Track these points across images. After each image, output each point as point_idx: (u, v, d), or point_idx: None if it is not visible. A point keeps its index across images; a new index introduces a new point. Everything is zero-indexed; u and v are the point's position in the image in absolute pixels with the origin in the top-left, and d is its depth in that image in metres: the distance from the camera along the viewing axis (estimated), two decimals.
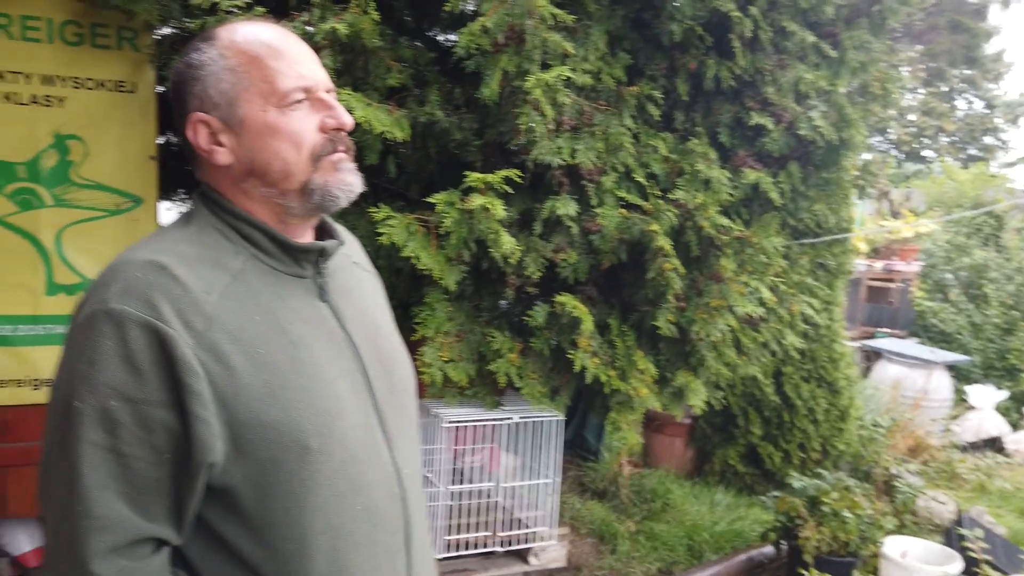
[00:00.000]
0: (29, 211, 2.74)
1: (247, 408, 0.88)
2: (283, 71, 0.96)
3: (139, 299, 0.86)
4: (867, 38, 3.21)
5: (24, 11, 2.70)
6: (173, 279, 0.88)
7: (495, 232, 2.35)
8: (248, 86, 0.95)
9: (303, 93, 0.96)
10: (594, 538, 3.88)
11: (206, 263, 0.93)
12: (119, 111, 2.84)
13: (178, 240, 0.95)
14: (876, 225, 9.28)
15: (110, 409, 0.84)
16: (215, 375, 0.87)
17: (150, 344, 0.84)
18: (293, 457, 0.90)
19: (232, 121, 0.96)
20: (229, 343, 0.89)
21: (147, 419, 0.85)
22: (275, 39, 0.98)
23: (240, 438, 0.88)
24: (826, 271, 4.49)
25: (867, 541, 3.23)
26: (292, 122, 0.96)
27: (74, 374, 0.86)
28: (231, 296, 0.92)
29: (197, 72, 0.96)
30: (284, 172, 0.96)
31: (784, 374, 4.51)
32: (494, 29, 2.31)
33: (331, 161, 0.98)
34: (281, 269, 0.99)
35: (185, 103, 0.98)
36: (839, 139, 2.86)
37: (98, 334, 0.85)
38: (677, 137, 2.95)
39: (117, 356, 0.84)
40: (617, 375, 2.76)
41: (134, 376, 0.84)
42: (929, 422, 5.47)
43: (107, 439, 0.84)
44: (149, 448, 0.85)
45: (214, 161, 0.97)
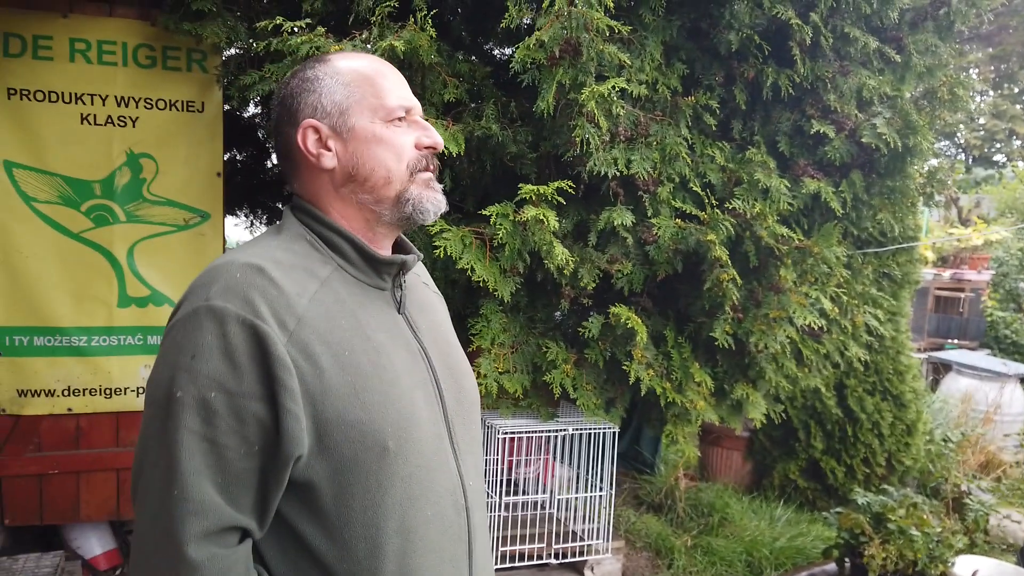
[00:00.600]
0: (104, 227, 2.87)
1: (333, 406, 0.92)
2: (391, 90, 1.06)
3: (239, 297, 0.91)
4: (933, 42, 3.12)
5: (101, 36, 2.83)
6: (270, 281, 0.93)
7: (548, 243, 2.36)
8: (360, 99, 1.04)
9: (404, 111, 1.06)
10: (650, 552, 3.84)
11: (298, 269, 0.98)
12: (188, 130, 2.95)
13: (273, 247, 1.01)
14: (944, 233, 8.97)
15: (209, 399, 0.88)
16: (305, 373, 0.91)
17: (248, 340, 0.89)
18: (372, 457, 0.94)
19: (342, 128, 1.04)
20: (318, 344, 0.93)
21: (242, 411, 0.88)
22: (383, 66, 1.09)
23: (325, 434, 0.92)
24: (891, 281, 4.37)
25: (936, 560, 3.12)
26: (396, 135, 1.05)
27: (176, 366, 0.89)
28: (320, 301, 0.97)
29: (312, 84, 1.05)
30: (386, 179, 1.04)
31: (847, 387, 4.40)
32: (550, 43, 2.32)
33: (424, 178, 1.07)
34: (364, 280, 1.05)
35: (296, 112, 1.05)
36: (904, 146, 2.78)
37: (200, 329, 0.89)
38: (735, 146, 2.92)
39: (217, 349, 0.88)
40: (673, 387, 2.73)
41: (232, 369, 0.88)
42: (1002, 437, 5.25)
43: (205, 428, 0.87)
44: (242, 439, 0.89)
45: (320, 164, 1.04)
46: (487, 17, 2.95)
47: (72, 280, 2.85)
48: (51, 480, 2.90)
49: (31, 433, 2.88)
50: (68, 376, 2.88)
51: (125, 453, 2.99)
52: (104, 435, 3.00)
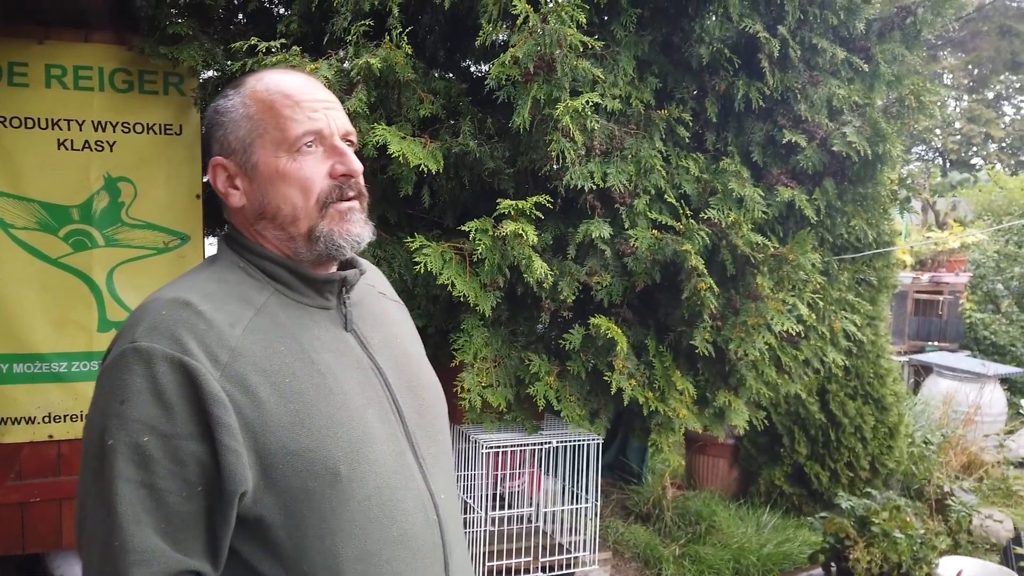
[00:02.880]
0: (82, 251, 2.86)
1: (275, 437, 0.90)
2: (295, 119, 1.00)
3: (165, 336, 0.89)
4: (900, 51, 3.18)
5: (77, 62, 2.84)
6: (197, 314, 0.91)
7: (527, 257, 2.38)
8: (262, 133, 1.00)
9: (313, 137, 1.00)
10: (638, 562, 3.85)
11: (230, 299, 0.96)
12: (166, 153, 2.96)
13: (203, 279, 0.99)
14: (921, 237, 9.09)
15: (142, 445, 0.85)
16: (242, 406, 0.89)
17: (178, 379, 0.87)
18: (323, 484, 0.92)
19: (247, 166, 1.01)
20: (255, 374, 0.91)
21: (178, 452, 0.87)
22: (294, 88, 1.02)
23: (270, 467, 0.90)
24: (869, 286, 4.42)
25: (920, 562, 3.15)
26: (302, 168, 0.99)
27: (106, 413, 0.88)
28: (256, 329, 0.95)
29: (221, 118, 1.03)
30: (292, 217, 1.00)
31: (829, 392, 4.44)
32: (524, 59, 2.36)
33: (338, 210, 1.01)
34: (306, 302, 1.03)
35: (209, 148, 1.04)
36: (874, 153, 2.83)
37: (128, 372, 0.87)
38: (709, 157, 2.96)
39: (147, 392, 0.86)
40: (655, 396, 2.76)
41: (164, 411, 0.86)
42: (982, 438, 5.32)
43: (140, 474, 0.86)
44: (181, 481, 0.87)
45: (229, 204, 1.03)
46: (463, 35, 2.98)
47: (51, 306, 2.84)
48: (33, 508, 2.87)
49: (12, 461, 2.85)
50: (48, 402, 2.87)
51: None
52: None
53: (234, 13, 3.49)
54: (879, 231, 4.12)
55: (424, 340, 3.13)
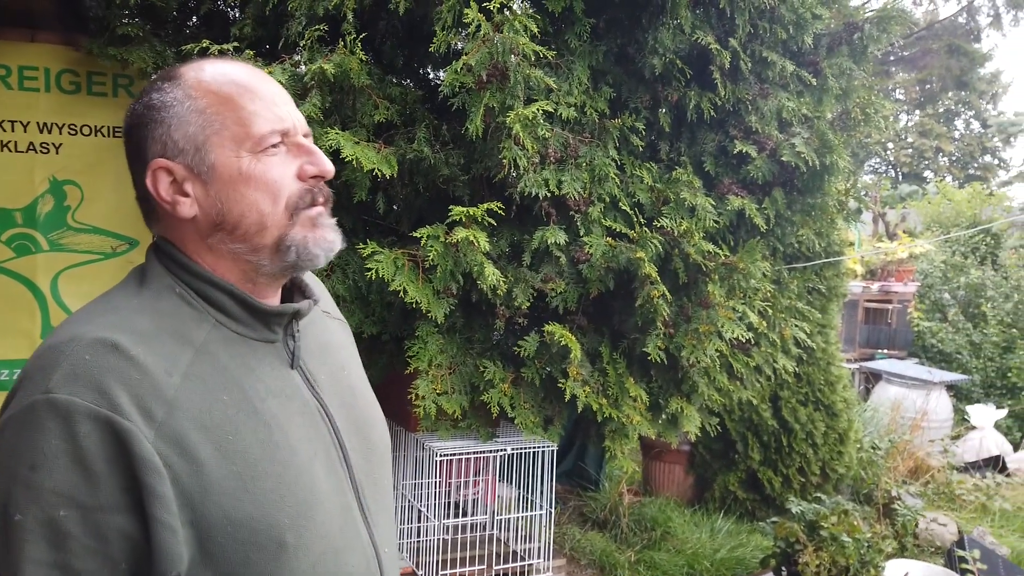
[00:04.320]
0: (26, 256, 2.79)
1: (216, 506, 0.78)
2: (259, 112, 0.86)
3: (89, 387, 0.74)
4: (848, 65, 3.27)
5: (22, 62, 2.78)
6: (129, 360, 0.77)
7: (480, 264, 2.39)
8: (219, 129, 0.85)
9: (280, 136, 0.87)
10: (594, 569, 3.86)
11: (165, 336, 0.81)
12: (115, 156, 2.90)
13: (131, 310, 0.83)
14: (871, 247, 9.33)
15: (57, 520, 0.72)
16: (179, 472, 0.76)
17: (104, 440, 0.73)
18: (268, 555, 0.80)
19: (200, 168, 0.86)
20: (195, 431, 0.78)
21: (101, 527, 0.73)
22: (249, 78, 0.89)
23: (208, 540, 0.77)
24: (819, 295, 4.52)
25: (867, 565, 3.22)
26: (268, 170, 0.86)
27: (13, 478, 0.73)
28: (195, 375, 0.81)
29: (159, 114, 0.86)
30: (259, 225, 0.87)
31: (781, 398, 4.52)
32: (477, 67, 2.37)
33: (309, 216, 0.89)
34: (249, 335, 0.88)
35: (144, 149, 0.87)
36: (822, 164, 2.90)
37: (40, 430, 0.72)
38: (663, 167, 3.00)
39: (64, 455, 0.72)
40: (609, 403, 2.77)
41: (85, 479, 0.72)
42: (928, 443, 5.46)
43: (54, 555, 0.72)
44: (103, 559, 0.74)
45: (177, 214, 0.87)
46: (420, 41, 2.98)
47: None
48: None
49: None
50: None
51: None
52: None
53: (187, 15, 3.44)
54: (829, 241, 4.22)
55: (379, 347, 3.11)
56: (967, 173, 21.66)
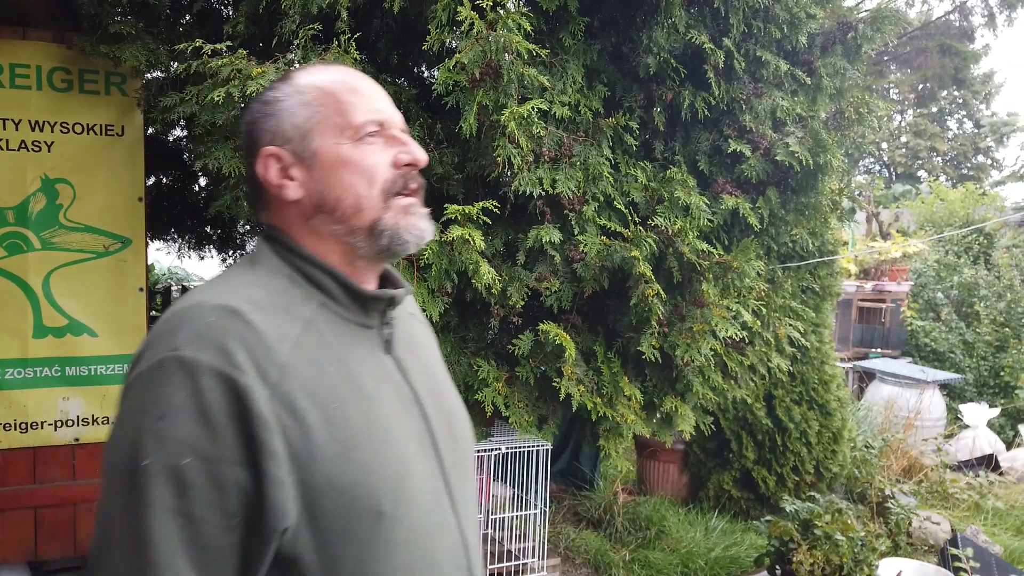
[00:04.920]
0: (17, 255, 2.77)
1: (321, 470, 0.81)
2: (358, 104, 0.94)
3: (213, 346, 0.79)
4: (842, 64, 3.28)
5: (14, 59, 2.76)
6: (247, 325, 0.82)
7: (475, 263, 2.38)
8: (322, 119, 0.93)
9: (376, 126, 0.94)
10: (589, 568, 3.86)
11: (278, 309, 0.87)
12: (107, 154, 2.89)
13: (247, 284, 0.90)
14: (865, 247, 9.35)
15: (181, 468, 0.76)
16: (290, 432, 0.80)
17: (225, 396, 0.78)
18: (366, 524, 0.83)
19: (305, 154, 0.93)
20: (304, 397, 0.82)
21: (219, 478, 0.77)
22: (352, 77, 0.97)
23: (313, 503, 0.81)
24: (813, 294, 4.53)
25: (861, 564, 3.22)
26: (365, 155, 0.93)
27: (141, 428, 0.78)
28: (304, 345, 0.86)
29: (271, 108, 0.95)
30: (355, 207, 0.93)
31: (775, 397, 4.53)
32: (471, 65, 2.36)
33: (402, 204, 0.95)
34: (349, 318, 0.94)
35: (256, 139, 0.96)
36: (815, 164, 2.91)
37: (168, 384, 0.78)
38: (657, 166, 3.00)
39: (190, 408, 0.77)
40: (604, 402, 2.77)
41: (207, 431, 0.77)
42: (922, 442, 5.48)
43: (178, 501, 0.76)
44: (220, 511, 0.77)
45: (284, 196, 0.94)
46: (415, 39, 2.97)
47: None
48: None
49: None
50: None
51: (43, 490, 2.88)
52: (20, 472, 2.88)
53: (180, 13, 3.43)
54: (823, 240, 4.23)
55: None
56: (960, 173, 21.75)
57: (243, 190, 2.63)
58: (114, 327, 2.91)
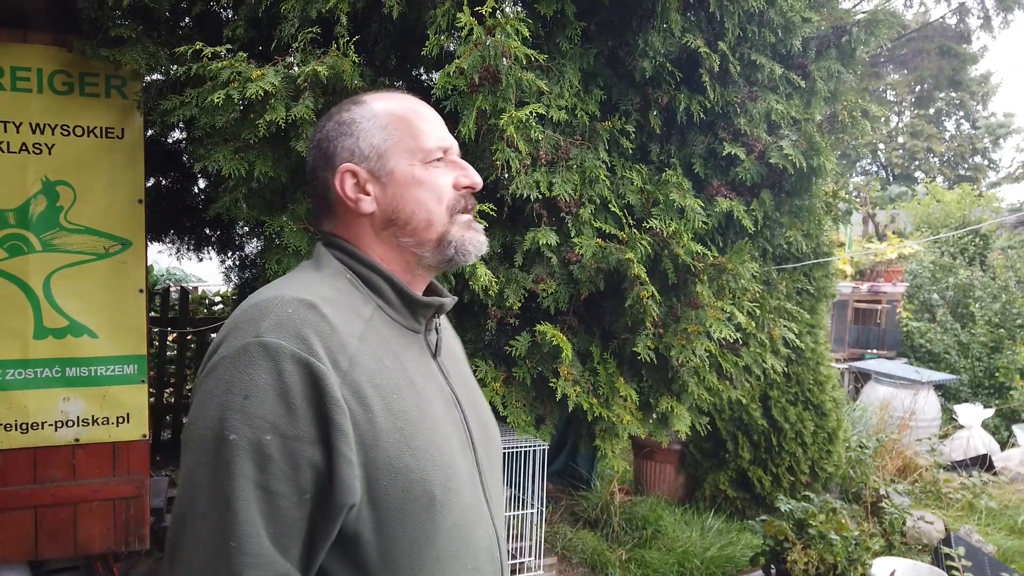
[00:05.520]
0: (18, 257, 2.79)
1: (383, 452, 0.89)
2: (428, 132, 1.04)
3: (293, 334, 0.87)
4: (837, 68, 3.31)
5: (14, 63, 2.78)
6: (322, 318, 0.90)
7: (472, 265, 2.41)
8: (398, 142, 1.03)
9: (442, 152, 1.05)
10: (585, 567, 3.89)
11: (344, 308, 0.95)
12: (107, 156, 2.90)
13: (317, 283, 0.98)
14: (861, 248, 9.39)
15: (264, 443, 0.83)
16: (357, 416, 0.88)
17: (304, 380, 0.85)
18: (420, 507, 0.91)
19: (381, 172, 1.03)
20: (368, 386, 0.90)
21: (296, 456, 0.84)
22: (419, 106, 1.08)
23: (375, 483, 0.88)
24: (808, 295, 4.56)
25: (855, 563, 3.25)
26: (435, 177, 1.03)
27: (227, 405, 0.84)
28: (367, 341, 0.94)
29: (349, 128, 1.04)
30: (427, 222, 1.03)
31: (771, 398, 4.56)
32: (469, 70, 2.39)
33: (465, 220, 1.06)
34: (401, 323, 1.03)
35: (333, 156, 1.04)
36: (809, 166, 2.94)
37: (253, 366, 0.85)
38: (653, 169, 3.03)
39: (272, 389, 0.84)
40: (600, 402, 2.80)
41: (287, 411, 0.84)
42: (916, 442, 5.51)
43: (259, 474, 0.83)
44: (294, 486, 0.84)
45: (359, 209, 1.03)
46: (413, 43, 3.00)
47: None
48: None
49: None
50: None
51: (43, 490, 2.89)
52: (21, 471, 2.90)
53: (180, 16, 3.45)
54: (818, 242, 4.26)
55: None
56: (957, 174, 21.80)
57: (243, 192, 2.65)
58: (114, 328, 2.93)
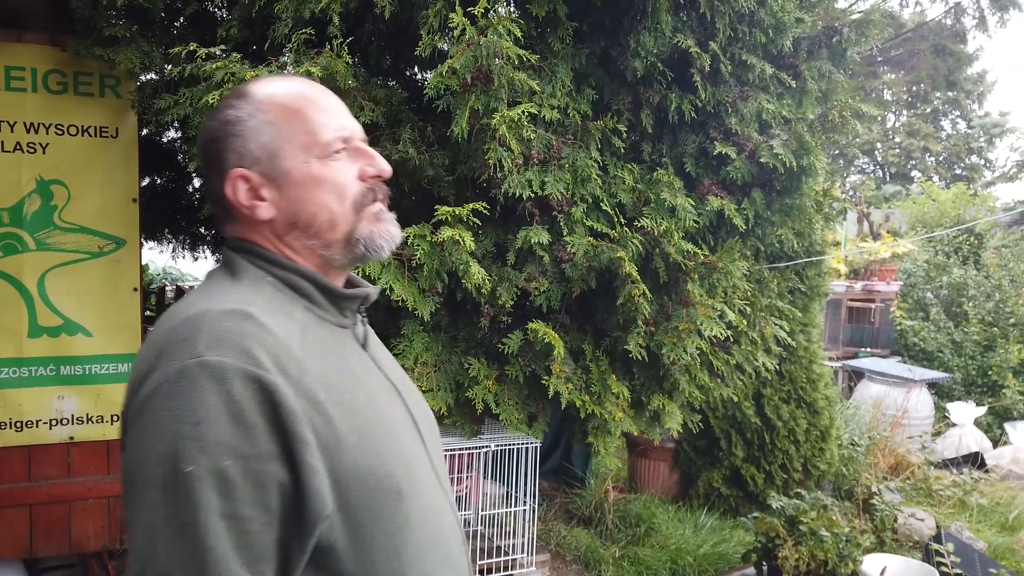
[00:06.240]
0: (12, 255, 2.81)
1: (348, 456, 0.85)
2: (324, 122, 0.96)
3: (235, 349, 0.81)
4: (828, 68, 3.33)
5: (9, 62, 2.79)
6: (261, 326, 0.84)
7: (465, 263, 2.43)
8: (290, 138, 0.94)
9: (343, 143, 0.97)
10: (579, 565, 3.91)
11: (277, 313, 0.90)
12: (101, 156, 2.92)
13: (242, 291, 0.91)
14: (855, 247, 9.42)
15: (224, 469, 0.77)
16: (316, 423, 0.83)
17: (256, 395, 0.80)
18: (389, 504, 0.88)
19: (274, 174, 0.95)
20: (322, 390, 0.86)
21: (260, 475, 0.79)
22: (311, 92, 0.98)
23: (345, 488, 0.84)
24: (801, 294, 4.58)
25: (845, 559, 3.27)
26: (335, 173, 0.95)
27: (178, 435, 0.77)
28: (308, 344, 0.89)
29: (234, 128, 0.95)
30: (330, 222, 0.96)
31: (764, 396, 4.58)
32: (462, 70, 2.40)
33: (373, 212, 0.98)
34: (329, 319, 0.97)
35: (222, 160, 0.96)
36: (799, 166, 2.96)
37: (199, 390, 0.78)
38: (645, 168, 3.05)
39: (224, 411, 0.78)
40: (592, 400, 2.82)
41: (243, 431, 0.78)
42: (908, 440, 5.54)
43: (224, 503, 0.77)
44: (262, 507, 0.79)
45: (256, 216, 0.95)
46: (407, 43, 3.01)
47: None
48: None
49: None
50: None
51: (37, 488, 2.91)
52: (15, 470, 2.91)
53: (174, 16, 3.46)
54: (810, 241, 4.28)
55: None
56: (954, 173, 21.85)
57: None
58: (108, 327, 2.94)
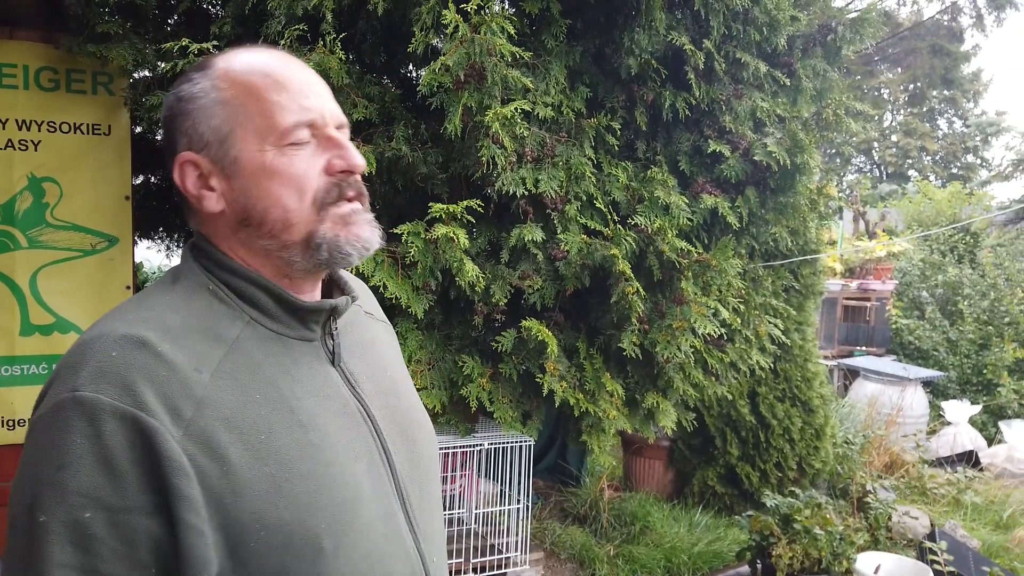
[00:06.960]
0: (4, 253, 2.79)
1: (249, 509, 0.74)
2: (284, 104, 0.82)
3: (115, 384, 0.72)
4: (822, 66, 3.33)
5: (1, 59, 2.78)
6: (156, 357, 0.74)
7: (459, 261, 2.42)
8: (243, 122, 0.82)
9: (307, 129, 0.83)
10: (574, 563, 3.91)
11: (195, 334, 0.79)
12: (94, 153, 2.91)
13: (164, 307, 0.81)
14: (850, 246, 9.44)
15: (83, 522, 0.68)
16: (208, 472, 0.73)
17: (129, 439, 0.70)
18: (304, 563, 0.76)
19: (224, 162, 0.83)
20: (225, 431, 0.75)
21: (128, 530, 0.70)
22: (276, 67, 0.84)
23: (240, 546, 0.74)
24: (796, 292, 4.59)
25: (839, 557, 3.28)
26: (293, 164, 0.82)
27: (38, 480, 0.70)
28: (227, 373, 0.78)
29: (187, 106, 0.84)
30: (284, 222, 0.83)
31: (759, 394, 4.58)
32: (455, 67, 2.40)
33: (340, 213, 0.85)
34: (286, 333, 0.85)
35: (174, 142, 0.85)
36: (793, 164, 2.95)
37: (67, 429, 0.70)
38: (638, 166, 3.05)
39: (90, 455, 0.69)
40: (586, 398, 2.82)
41: (111, 480, 0.69)
42: (903, 438, 5.55)
43: (81, 558, 0.69)
44: (132, 564, 0.70)
45: (203, 208, 0.84)
46: (400, 40, 3.01)
47: None
48: None
49: None
50: None
51: None
52: (7, 468, 2.90)
53: (168, 13, 3.45)
54: (805, 239, 4.29)
55: None
56: (950, 172, 21.90)
57: None
58: None
